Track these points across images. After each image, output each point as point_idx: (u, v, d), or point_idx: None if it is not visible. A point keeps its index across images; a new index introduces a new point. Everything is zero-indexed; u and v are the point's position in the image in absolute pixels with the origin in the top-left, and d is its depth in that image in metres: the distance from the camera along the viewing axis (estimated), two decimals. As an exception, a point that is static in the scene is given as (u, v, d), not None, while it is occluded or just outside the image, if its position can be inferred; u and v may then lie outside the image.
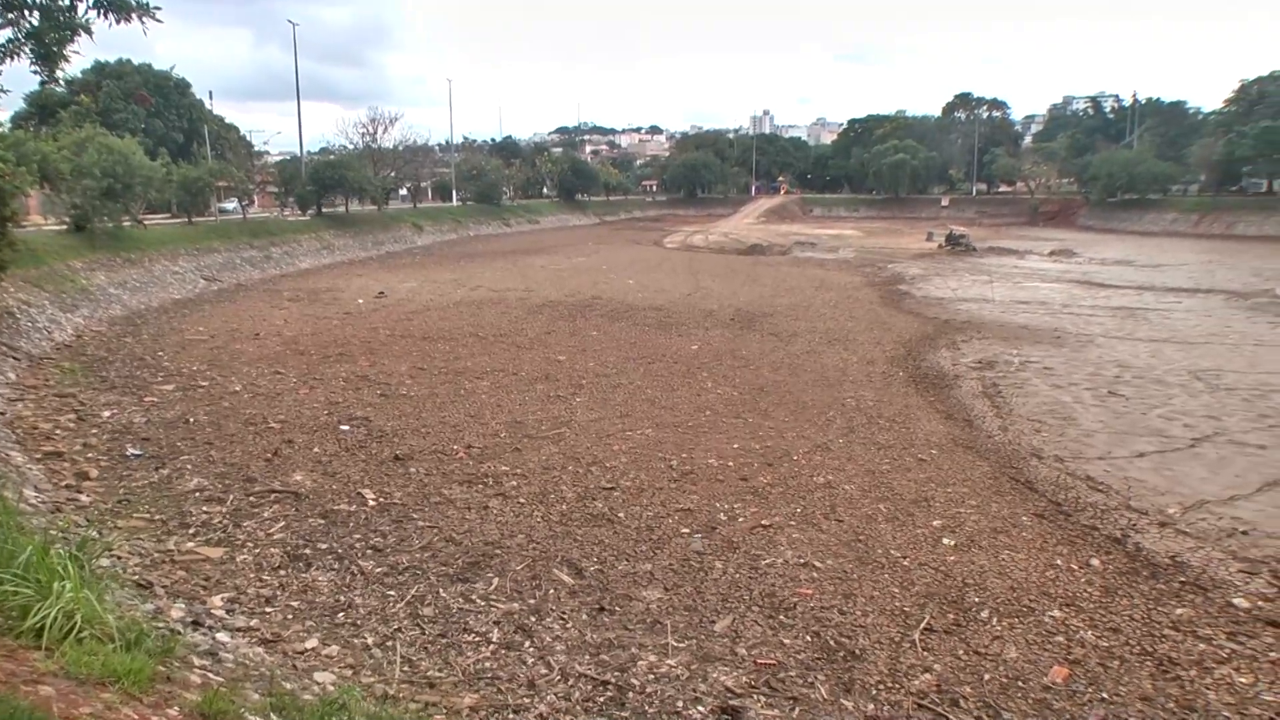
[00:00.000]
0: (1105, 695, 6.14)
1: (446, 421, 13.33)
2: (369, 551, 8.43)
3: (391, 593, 7.54)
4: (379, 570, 8.00)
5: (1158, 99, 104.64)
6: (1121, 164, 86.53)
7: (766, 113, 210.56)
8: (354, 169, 52.59)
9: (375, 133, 65.16)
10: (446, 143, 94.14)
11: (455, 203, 78.98)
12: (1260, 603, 7.83)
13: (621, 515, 9.58)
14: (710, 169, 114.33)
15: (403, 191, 77.85)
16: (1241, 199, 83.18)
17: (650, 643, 6.81)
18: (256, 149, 64.84)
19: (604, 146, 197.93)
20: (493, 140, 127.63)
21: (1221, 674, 6.49)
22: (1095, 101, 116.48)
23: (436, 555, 8.39)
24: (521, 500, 10.00)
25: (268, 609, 7.10)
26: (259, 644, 6.34)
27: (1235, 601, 7.83)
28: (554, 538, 8.90)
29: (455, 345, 19.90)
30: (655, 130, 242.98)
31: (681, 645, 6.79)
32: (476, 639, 6.79)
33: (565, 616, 7.21)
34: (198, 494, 9.87)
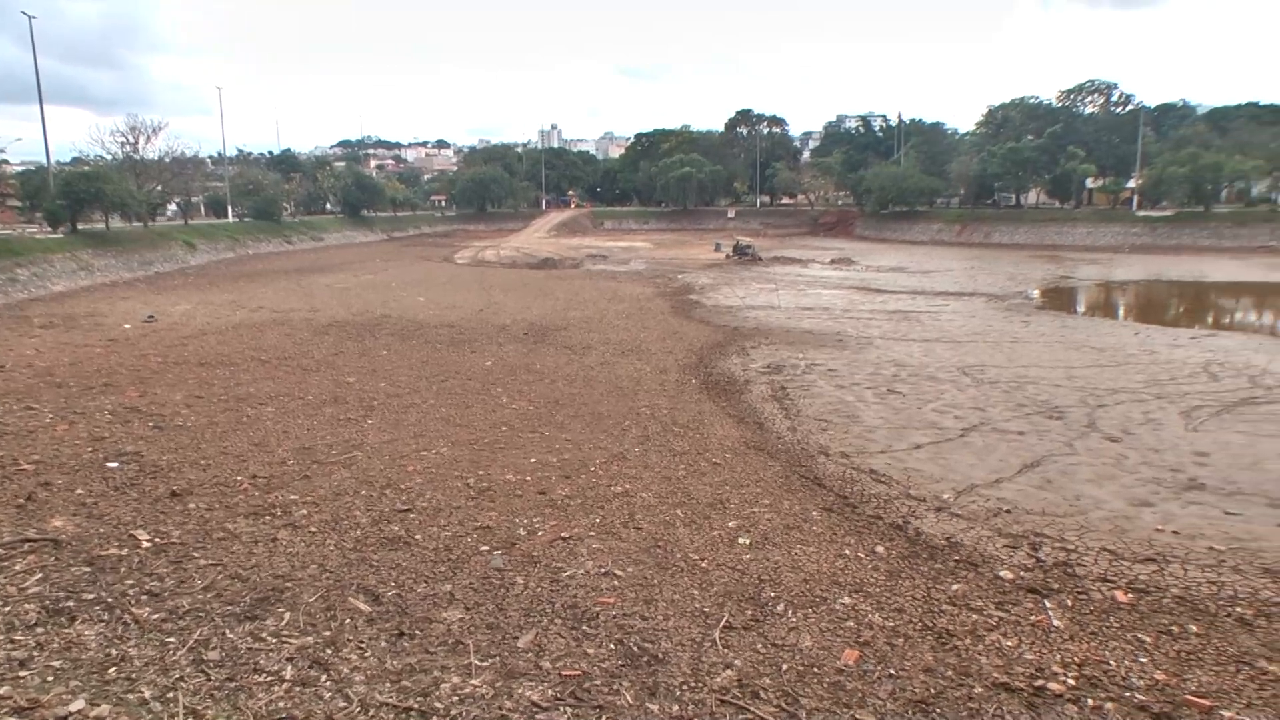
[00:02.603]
0: (892, 672, 6.56)
1: (229, 452, 12.56)
2: (144, 597, 7.79)
3: (171, 639, 7.00)
4: (156, 617, 7.40)
5: (920, 120, 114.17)
6: (891, 178, 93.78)
7: (554, 127, 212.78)
8: (113, 182, 48.28)
9: (136, 142, 60.59)
10: (219, 155, 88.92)
11: (231, 219, 74.61)
12: (1022, 573, 8.68)
13: (419, 537, 9.36)
14: (500, 183, 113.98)
15: (172, 207, 72.76)
16: (996, 211, 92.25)
17: (453, 664, 6.68)
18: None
19: (389, 161, 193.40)
20: (270, 153, 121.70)
21: (992, 640, 7.11)
22: (865, 120, 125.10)
23: (221, 594, 7.87)
24: (313, 529, 9.57)
25: (22, 673, 6.42)
26: (12, 714, 5.73)
27: (1001, 574, 8.62)
28: (349, 565, 8.56)
29: (236, 370, 18.80)
30: (442, 144, 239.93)
31: (485, 664, 6.70)
32: (268, 678, 6.42)
33: (363, 645, 6.95)
34: (-79, 549, 8.80)
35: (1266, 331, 31.14)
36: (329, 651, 6.83)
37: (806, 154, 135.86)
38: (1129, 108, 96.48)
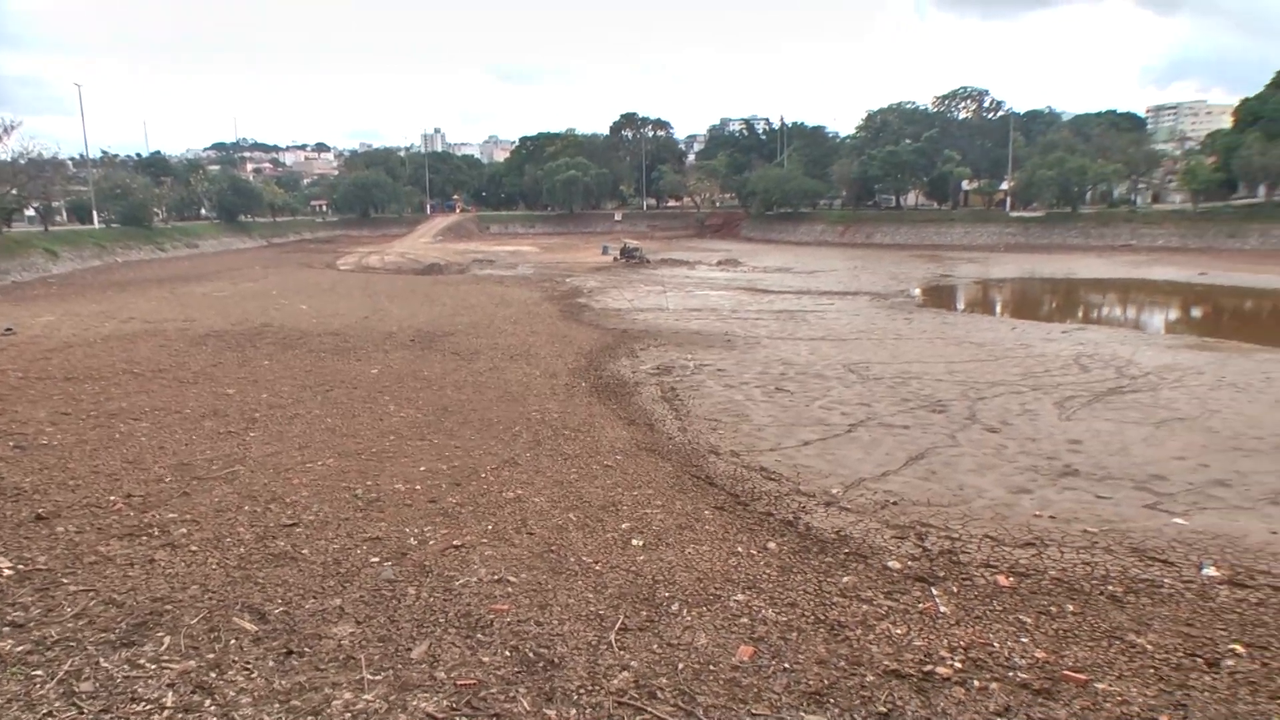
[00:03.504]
0: (787, 665, 6.66)
1: (100, 470, 11.91)
2: (6, 629, 7.29)
3: (39, 673, 6.57)
4: (21, 649, 6.94)
5: (802, 123, 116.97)
6: (775, 180, 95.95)
7: (438, 130, 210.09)
8: (-44, 185, 45.49)
9: (-15, 142, 57.08)
10: (81, 156, 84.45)
11: (97, 225, 71.01)
12: (909, 562, 8.95)
13: (306, 551, 9.06)
14: (383, 188, 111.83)
15: (29, 212, 68.84)
16: (877, 212, 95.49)
17: (345, 680, 6.49)
18: None
19: (267, 165, 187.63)
20: (138, 155, 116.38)
21: (882, 629, 7.30)
22: (749, 124, 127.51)
23: (94, 621, 7.44)
24: (193, 548, 9.15)
25: None
26: None
27: (890, 564, 8.87)
28: (232, 584, 8.22)
29: (106, 385, 17.85)
30: (322, 148, 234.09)
31: (378, 678, 6.53)
32: (147, 707, 6.10)
33: (250, 666, 6.68)
34: None
35: (1130, 325, 33.05)
36: (213, 674, 6.55)
37: (692, 157, 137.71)
38: (999, 114, 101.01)
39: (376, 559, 8.90)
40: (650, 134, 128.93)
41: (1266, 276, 45.07)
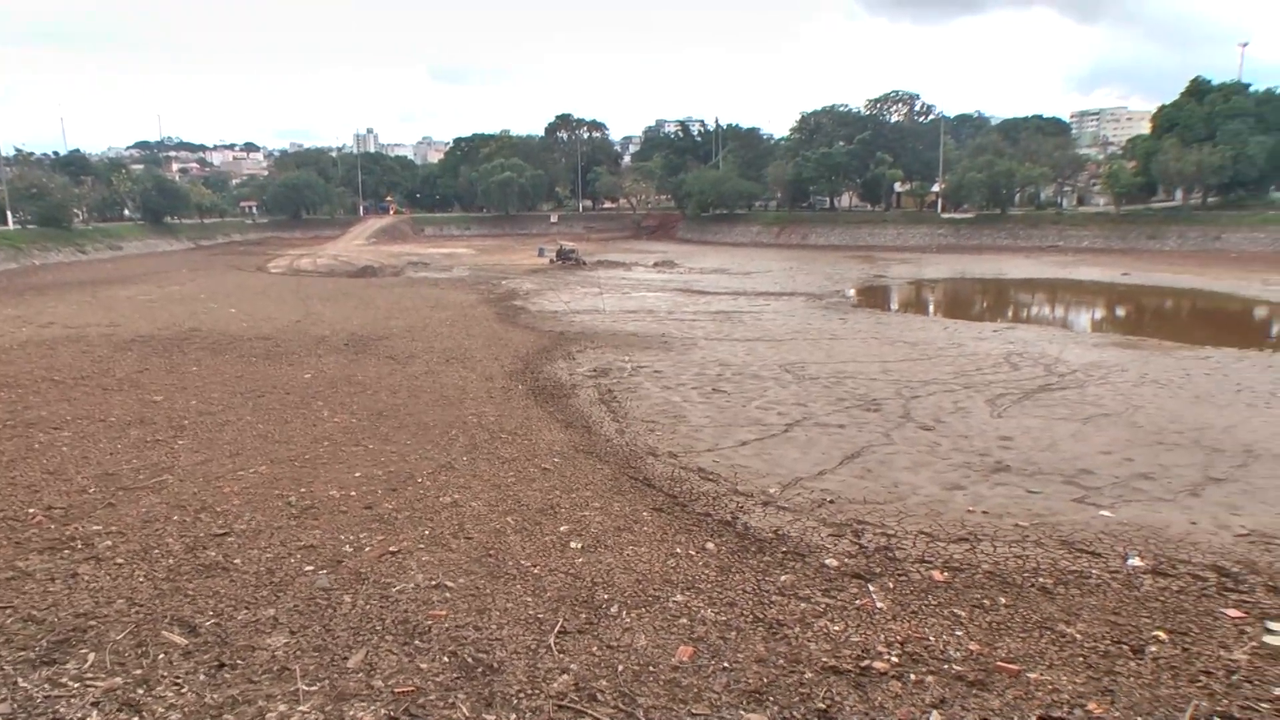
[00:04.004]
0: (726, 664, 6.71)
1: (18, 482, 11.50)
2: (-89, 650, 7.02)
3: (-52, 696, 6.33)
4: (-71, 672, 6.68)
5: (737, 125, 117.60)
6: (711, 182, 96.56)
7: (370, 131, 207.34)
8: None
9: (-122, 139, 54.74)
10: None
11: (11, 226, 68.49)
12: (846, 560, 9.08)
13: (238, 561, 8.87)
14: (315, 189, 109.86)
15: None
16: (812, 213, 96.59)
17: (279, 692, 6.37)
18: None
19: (194, 164, 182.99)
20: (55, 154, 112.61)
21: (820, 626, 7.40)
22: (684, 125, 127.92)
23: (12, 640, 7.17)
24: (119, 561, 8.89)
25: None
26: None
27: (827, 562, 8.99)
28: (161, 596, 8.01)
29: (24, 393, 17.25)
30: (251, 147, 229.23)
31: (313, 688, 6.42)
32: (70, 727, 5.93)
33: (180, 681, 6.51)
34: None
35: (1058, 324, 33.95)
36: (140, 691, 6.37)
37: (627, 158, 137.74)
38: (930, 117, 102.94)
39: (311, 567, 8.76)
40: (586, 135, 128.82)
41: (1185, 277, 46.64)
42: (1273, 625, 7.50)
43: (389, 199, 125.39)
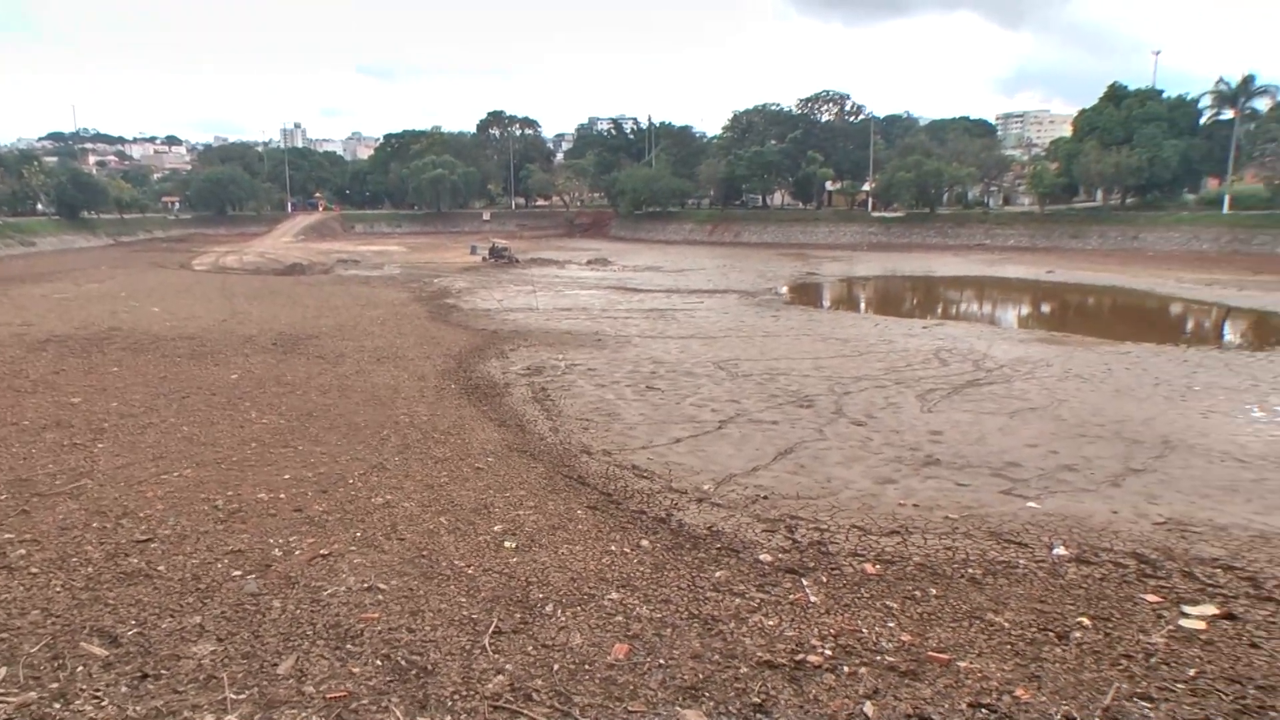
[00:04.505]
0: (662, 661, 6.71)
1: (-84, 490, 11.03)
2: None
3: None
4: None
5: (670, 123, 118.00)
6: (644, 180, 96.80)
7: (298, 125, 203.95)
8: None
9: None
10: (-115, 145, 78.15)
11: (-88, 221, 66.03)
12: (780, 555, 9.15)
13: (162, 568, 8.61)
14: (241, 184, 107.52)
15: None
16: (745, 211, 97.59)
17: (206, 701, 6.19)
18: None
19: (112, 157, 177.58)
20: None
21: (754, 621, 7.44)
22: (617, 123, 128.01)
23: (-88, 656, 6.87)
24: (34, 570, 8.55)
25: None
26: None
27: (761, 557, 9.05)
28: (79, 606, 7.72)
29: (-76, 397, 16.57)
30: (174, 141, 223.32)
31: (241, 697, 6.26)
32: (-22, 745, 5.69)
33: (100, 694, 6.28)
34: None
35: (986, 320, 34.74)
36: (57, 706, 6.14)
37: (560, 156, 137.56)
38: (860, 117, 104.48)
39: (239, 572, 8.55)
40: (518, 132, 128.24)
41: (1106, 275, 48.16)
42: (1188, 609, 7.77)
43: (318, 195, 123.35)
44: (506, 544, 9.38)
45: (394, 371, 19.67)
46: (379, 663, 6.76)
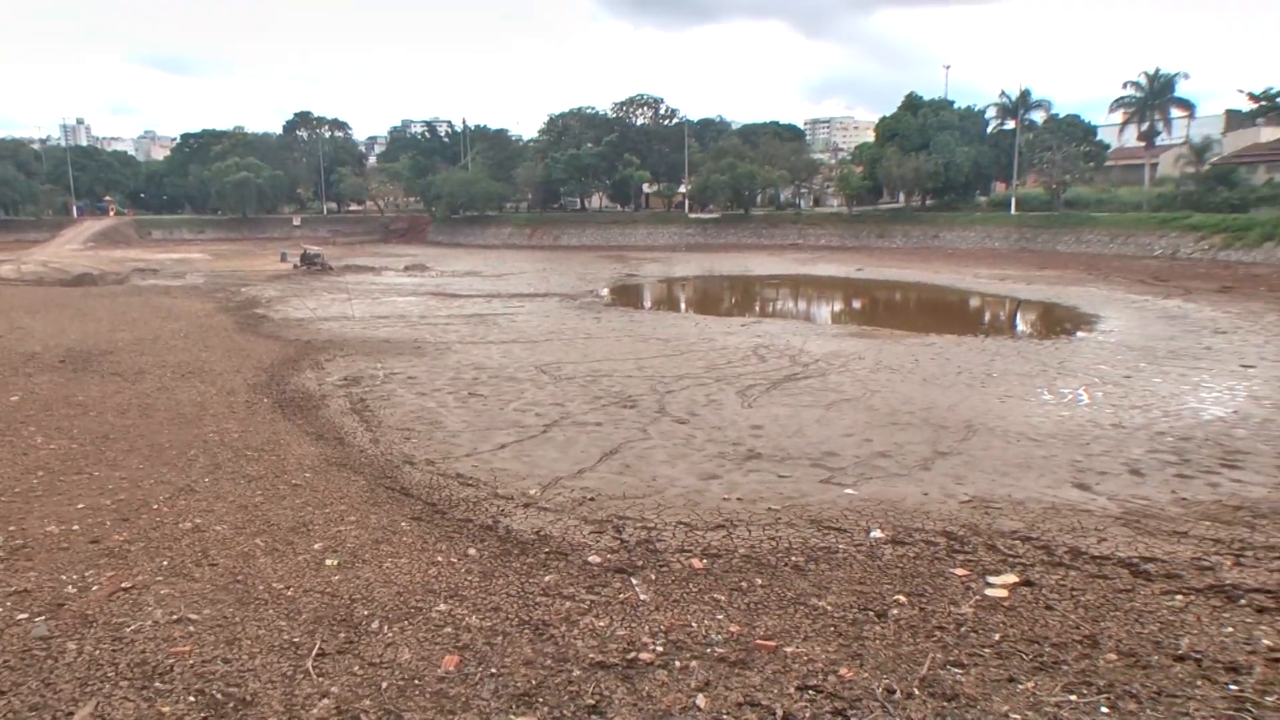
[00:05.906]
0: (494, 670, 6.65)
1: None
2: None
3: None
4: None
5: (485, 126, 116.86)
6: (460, 183, 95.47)
7: (81, 122, 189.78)
8: None
9: None
10: None
11: None
12: (609, 555, 9.26)
13: (-78, 619, 7.82)
14: (15, 186, 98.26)
15: None
16: (563, 214, 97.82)
17: (-21, 766, 5.68)
18: None
19: None
20: None
21: (586, 623, 7.49)
22: (431, 126, 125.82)
23: None
24: None
25: None
26: None
27: (590, 559, 9.12)
28: None
29: None
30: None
31: (25, 755, 5.78)
32: None
33: None
34: None
35: (801, 317, 36.22)
36: None
37: (373, 159, 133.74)
38: (675, 120, 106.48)
39: (25, 615, 7.87)
40: (328, 134, 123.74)
41: (910, 271, 51.13)
42: (992, 579, 8.38)
43: (108, 199, 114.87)
44: (328, 562, 9.06)
45: (200, 387, 18.63)
46: (192, 699, 6.40)
